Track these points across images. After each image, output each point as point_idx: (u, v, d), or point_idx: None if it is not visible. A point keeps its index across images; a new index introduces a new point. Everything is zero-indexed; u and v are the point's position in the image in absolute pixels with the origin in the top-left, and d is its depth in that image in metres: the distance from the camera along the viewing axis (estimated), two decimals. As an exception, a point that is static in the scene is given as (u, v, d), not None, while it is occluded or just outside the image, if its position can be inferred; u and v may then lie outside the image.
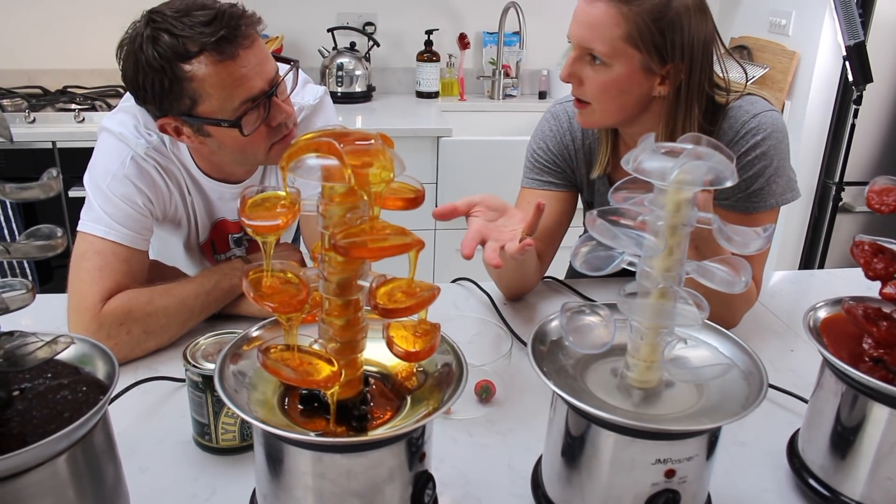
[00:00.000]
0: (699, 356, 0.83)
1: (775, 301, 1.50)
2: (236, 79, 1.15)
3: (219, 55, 1.12)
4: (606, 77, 1.22)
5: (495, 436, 1.06)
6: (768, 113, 1.30)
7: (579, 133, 1.44)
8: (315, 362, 0.71)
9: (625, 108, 1.27)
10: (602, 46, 1.19)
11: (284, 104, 1.23)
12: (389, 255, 0.65)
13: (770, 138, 1.28)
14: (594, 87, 1.24)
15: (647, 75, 1.23)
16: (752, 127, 1.28)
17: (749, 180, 1.30)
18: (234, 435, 0.99)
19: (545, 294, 1.50)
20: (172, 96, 1.16)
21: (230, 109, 1.17)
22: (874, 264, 0.84)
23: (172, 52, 1.12)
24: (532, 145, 1.49)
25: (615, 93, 1.24)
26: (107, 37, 2.93)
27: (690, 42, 1.21)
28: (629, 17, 1.17)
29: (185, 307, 1.22)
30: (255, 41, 1.17)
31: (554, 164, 1.45)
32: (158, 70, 1.13)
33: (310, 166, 0.66)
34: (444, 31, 3.25)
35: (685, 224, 0.73)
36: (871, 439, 0.86)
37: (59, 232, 0.72)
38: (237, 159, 1.29)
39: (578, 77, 1.26)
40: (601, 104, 1.26)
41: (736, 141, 1.29)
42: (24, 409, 0.72)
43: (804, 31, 2.91)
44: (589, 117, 1.30)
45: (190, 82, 1.14)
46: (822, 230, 2.95)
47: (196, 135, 1.22)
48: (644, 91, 1.25)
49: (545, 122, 1.48)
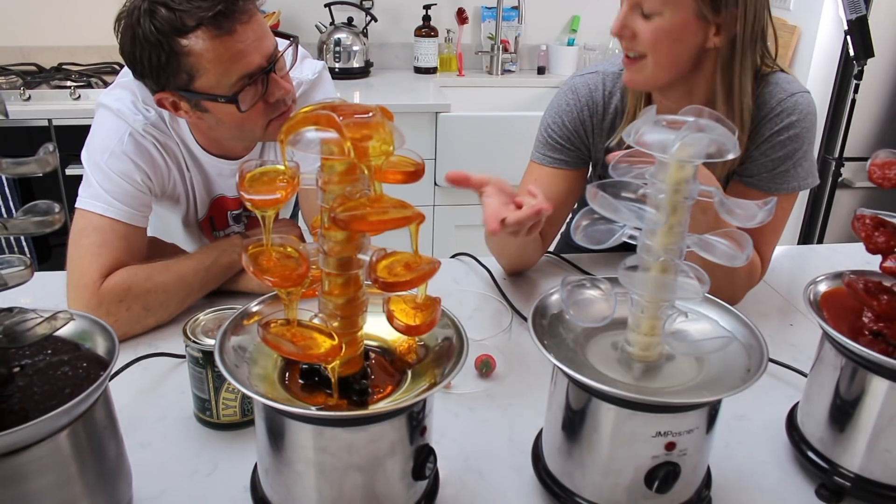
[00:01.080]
0: (700, 329, 0.83)
1: (775, 276, 1.50)
2: (234, 54, 1.14)
3: (216, 30, 1.11)
4: (660, 26, 1.19)
5: (496, 410, 1.07)
6: (805, 94, 1.29)
7: (600, 108, 1.39)
8: (315, 336, 0.71)
9: (678, 60, 1.23)
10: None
11: (283, 80, 1.22)
12: (390, 227, 0.64)
13: (805, 120, 1.27)
14: (647, 38, 1.21)
15: (701, 23, 1.19)
16: (789, 106, 1.27)
17: (777, 160, 1.29)
18: (235, 410, 0.99)
19: (545, 269, 1.50)
20: (169, 71, 1.15)
21: (227, 85, 1.16)
22: (875, 238, 0.84)
23: (170, 26, 1.11)
24: (547, 119, 1.44)
25: (669, 42, 1.21)
26: (102, 13, 2.92)
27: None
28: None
29: (184, 283, 1.22)
30: (253, 16, 1.16)
31: (567, 141, 1.41)
32: (155, 44, 1.12)
33: (309, 139, 0.65)
34: (442, 5, 3.22)
35: (687, 197, 0.72)
36: (869, 412, 0.86)
37: (57, 207, 0.71)
38: (235, 135, 1.28)
39: (631, 30, 1.22)
40: (655, 55, 1.22)
41: (771, 118, 1.28)
42: (25, 385, 0.72)
43: (805, 4, 2.89)
44: (640, 73, 1.26)
45: (187, 57, 1.13)
46: (822, 205, 2.95)
47: (193, 110, 1.21)
48: (698, 41, 1.22)
49: (562, 96, 1.43)
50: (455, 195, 2.83)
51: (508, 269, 1.46)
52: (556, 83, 3.04)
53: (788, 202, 1.34)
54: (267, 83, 1.19)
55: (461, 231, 2.87)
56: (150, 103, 1.27)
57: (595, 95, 1.39)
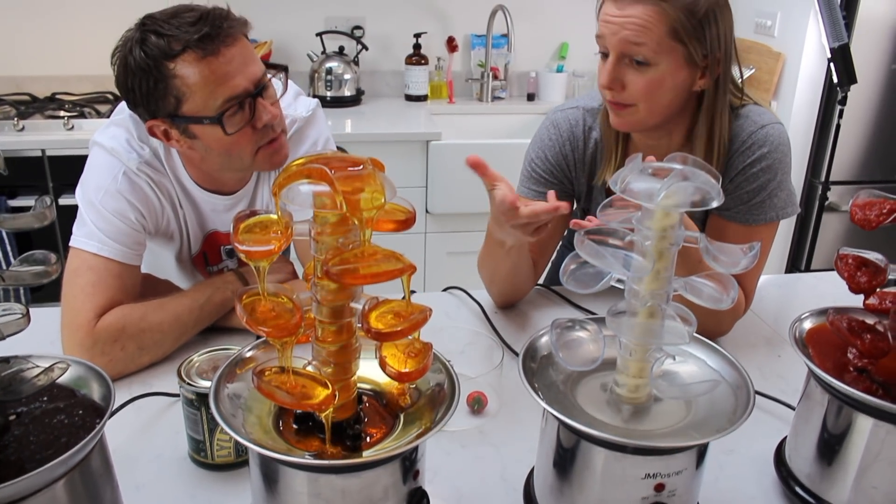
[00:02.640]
0: (688, 371, 0.85)
1: (762, 306, 1.52)
2: (219, 76, 1.16)
3: (201, 51, 1.14)
4: (653, 76, 1.21)
5: (488, 447, 1.08)
6: (775, 125, 1.31)
7: (581, 142, 1.42)
8: (309, 385, 0.72)
9: (670, 105, 1.26)
10: (647, 46, 1.18)
11: (271, 107, 1.24)
12: (381, 280, 0.66)
13: (776, 151, 1.30)
14: (640, 88, 1.22)
15: (690, 69, 1.22)
16: (760, 138, 1.29)
17: (752, 192, 1.31)
18: (230, 451, 1.00)
19: (536, 302, 1.51)
20: (158, 95, 1.17)
21: (213, 107, 1.18)
22: (858, 278, 0.86)
23: (158, 51, 1.14)
24: (531, 154, 1.47)
25: (663, 90, 1.23)
26: (96, 43, 2.94)
27: (724, 31, 1.22)
28: (669, 12, 1.17)
29: (178, 322, 1.23)
30: (238, 40, 1.19)
31: (551, 175, 1.44)
32: (146, 70, 1.15)
33: (302, 193, 0.67)
34: (433, 34, 3.25)
35: (672, 244, 0.74)
36: (856, 449, 0.87)
37: (53, 258, 0.73)
38: (225, 163, 1.29)
39: (621, 82, 1.23)
40: (648, 104, 1.24)
41: (743, 150, 1.30)
42: (21, 434, 0.72)
43: (789, 32, 2.94)
44: (631, 118, 1.27)
45: (174, 80, 1.16)
46: (809, 229, 2.97)
47: (183, 137, 1.23)
48: (687, 85, 1.24)
49: (544, 131, 1.46)
50: (447, 222, 2.85)
51: (500, 301, 1.47)
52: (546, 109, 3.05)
53: (769, 232, 1.36)
54: (254, 108, 1.21)
55: (453, 258, 2.89)
56: (145, 140, 1.29)
57: (576, 130, 1.42)
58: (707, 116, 1.28)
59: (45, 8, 2.91)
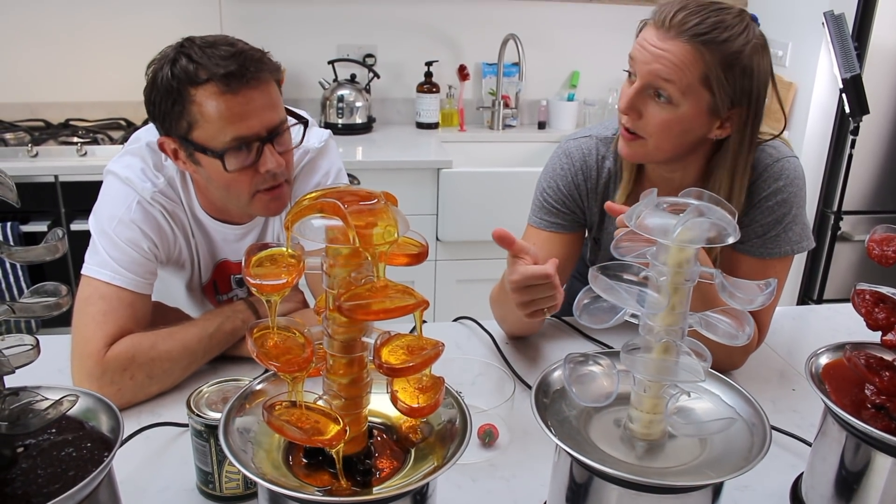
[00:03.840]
0: (703, 408, 0.83)
1: (776, 338, 1.50)
2: (234, 114, 1.17)
3: (223, 86, 1.16)
4: (671, 115, 1.19)
5: (499, 481, 1.06)
6: (791, 159, 1.30)
7: (594, 172, 1.40)
8: (320, 420, 0.71)
9: (680, 147, 1.24)
10: (675, 86, 1.16)
11: (279, 156, 1.23)
12: (393, 316, 0.65)
13: (792, 185, 1.29)
14: (655, 123, 1.20)
15: (710, 118, 1.20)
16: (776, 171, 1.29)
17: (767, 226, 1.30)
18: (238, 483, 0.99)
19: (548, 333, 1.50)
20: (174, 115, 1.19)
21: (221, 142, 1.19)
22: (875, 314, 0.85)
23: (185, 75, 1.16)
24: (542, 183, 1.45)
25: (677, 132, 1.21)
26: (109, 69, 2.98)
27: (757, 87, 1.19)
28: (707, 59, 1.14)
29: (188, 351, 1.22)
30: (264, 84, 1.20)
31: (563, 205, 1.42)
32: (169, 90, 1.18)
33: (314, 227, 0.67)
34: (444, 62, 3.27)
35: (688, 280, 0.73)
36: (874, 489, 0.86)
37: (64, 290, 0.72)
38: (223, 197, 1.30)
39: (638, 111, 1.21)
40: (658, 141, 1.22)
41: (759, 184, 1.29)
42: (29, 467, 0.72)
43: (801, 61, 2.94)
44: (638, 150, 1.26)
45: (192, 105, 1.17)
46: (822, 259, 2.96)
47: (189, 160, 1.24)
48: (703, 133, 1.22)
49: (556, 161, 1.44)
50: (457, 250, 2.84)
51: (510, 335, 1.46)
52: (557, 138, 3.08)
53: (783, 266, 1.34)
54: (261, 153, 1.21)
55: (463, 286, 2.88)
56: (160, 169, 1.30)
57: (589, 160, 1.40)
58: (728, 163, 1.26)
59: (60, 34, 2.94)
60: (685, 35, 1.14)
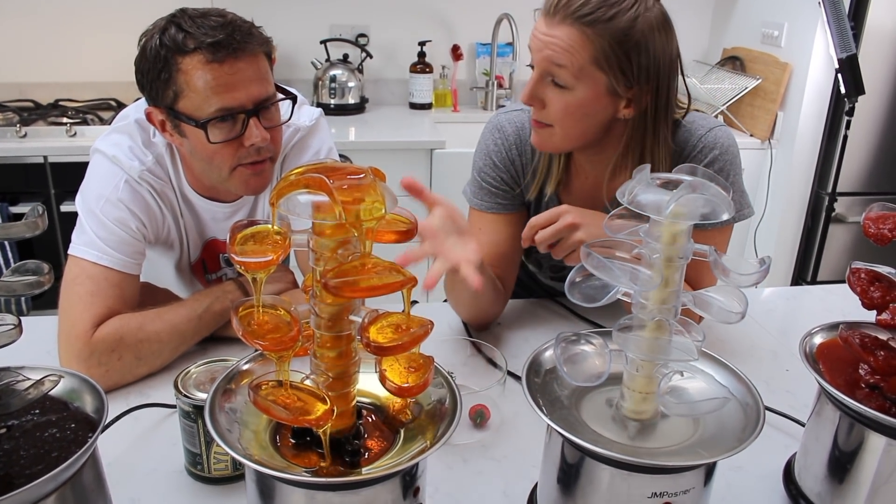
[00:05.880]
0: (696, 388, 0.82)
1: (769, 318, 1.50)
2: (219, 84, 1.15)
3: (210, 56, 1.14)
4: (571, 100, 1.18)
5: (490, 461, 1.05)
6: (721, 128, 1.29)
7: (528, 146, 1.36)
8: (307, 399, 0.70)
9: (587, 131, 1.22)
10: (567, 70, 1.15)
11: (266, 131, 1.21)
12: (381, 293, 0.64)
13: (727, 153, 1.28)
14: (556, 109, 1.19)
15: (612, 98, 1.19)
16: (710, 142, 1.27)
17: None
18: (227, 465, 0.98)
19: (539, 313, 1.49)
20: (161, 84, 1.18)
21: (205, 112, 1.17)
22: (871, 293, 0.84)
23: (173, 43, 1.15)
24: (477, 163, 1.40)
25: (579, 116, 1.20)
26: (99, 50, 2.95)
27: (656, 63, 1.17)
28: (594, 40, 1.13)
29: (176, 332, 1.21)
30: (251, 55, 1.18)
31: (502, 182, 1.38)
32: (157, 58, 1.16)
33: (300, 202, 0.65)
34: (437, 42, 3.24)
35: (681, 257, 0.72)
36: (868, 468, 0.85)
37: (46, 268, 0.71)
38: (205, 170, 1.27)
39: (541, 99, 1.20)
40: (563, 128, 1.21)
41: (693, 156, 1.28)
42: (11, 448, 0.70)
43: (796, 42, 2.92)
44: (548, 140, 1.25)
45: (178, 74, 1.16)
46: (816, 241, 2.95)
47: (174, 132, 1.23)
48: (608, 114, 1.21)
49: (489, 135, 1.39)
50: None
51: (472, 323, 1.41)
52: (551, 119, 3.06)
53: (725, 235, 1.34)
54: (245, 126, 1.19)
55: (456, 267, 2.86)
56: (149, 147, 1.28)
57: (522, 134, 1.37)
58: (633, 146, 1.25)
59: (50, 15, 2.90)
60: (570, 18, 1.14)
